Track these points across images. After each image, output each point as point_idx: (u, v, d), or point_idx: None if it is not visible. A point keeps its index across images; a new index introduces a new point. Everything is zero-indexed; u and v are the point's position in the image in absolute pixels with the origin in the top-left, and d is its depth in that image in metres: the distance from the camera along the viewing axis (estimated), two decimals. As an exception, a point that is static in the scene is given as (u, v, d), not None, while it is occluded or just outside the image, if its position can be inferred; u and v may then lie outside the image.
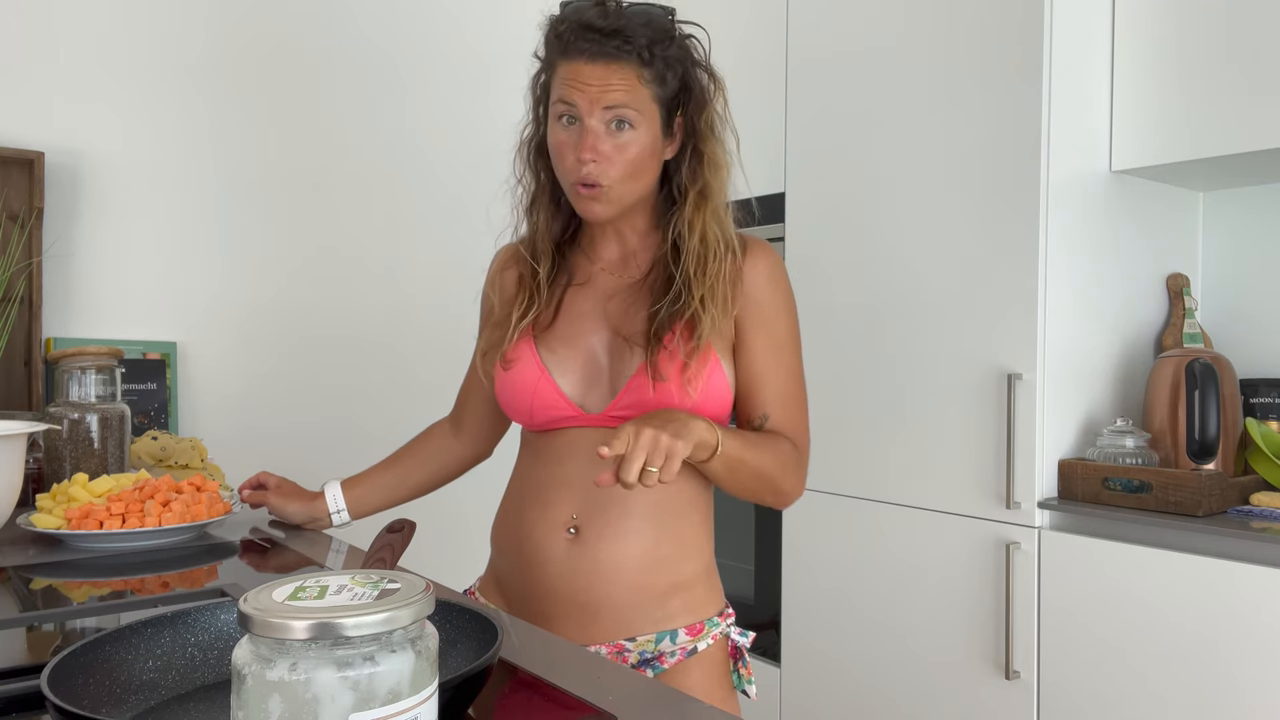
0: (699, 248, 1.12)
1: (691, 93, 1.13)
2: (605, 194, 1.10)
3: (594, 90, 1.07)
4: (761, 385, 1.15)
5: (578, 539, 1.12)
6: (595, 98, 1.07)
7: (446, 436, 1.39)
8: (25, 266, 1.97)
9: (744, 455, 1.06)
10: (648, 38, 1.07)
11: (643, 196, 1.14)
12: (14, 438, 1.13)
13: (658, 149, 1.12)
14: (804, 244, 2.23)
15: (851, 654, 2.10)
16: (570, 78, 1.08)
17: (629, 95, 1.07)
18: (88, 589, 1.03)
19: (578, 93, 1.07)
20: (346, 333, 2.55)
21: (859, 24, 2.11)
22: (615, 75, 1.07)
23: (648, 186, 1.14)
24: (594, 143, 1.07)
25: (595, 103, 1.07)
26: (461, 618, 0.76)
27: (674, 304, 1.11)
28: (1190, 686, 1.59)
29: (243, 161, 2.37)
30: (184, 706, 0.68)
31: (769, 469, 1.10)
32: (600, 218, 1.12)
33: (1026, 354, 1.81)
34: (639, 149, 1.09)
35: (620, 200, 1.11)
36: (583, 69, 1.07)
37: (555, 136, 1.11)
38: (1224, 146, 1.76)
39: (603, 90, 1.06)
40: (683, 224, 1.13)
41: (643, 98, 1.08)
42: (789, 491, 1.14)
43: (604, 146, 1.08)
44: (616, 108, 1.07)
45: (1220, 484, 1.66)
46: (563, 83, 1.09)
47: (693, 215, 1.13)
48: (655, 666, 1.13)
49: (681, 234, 1.13)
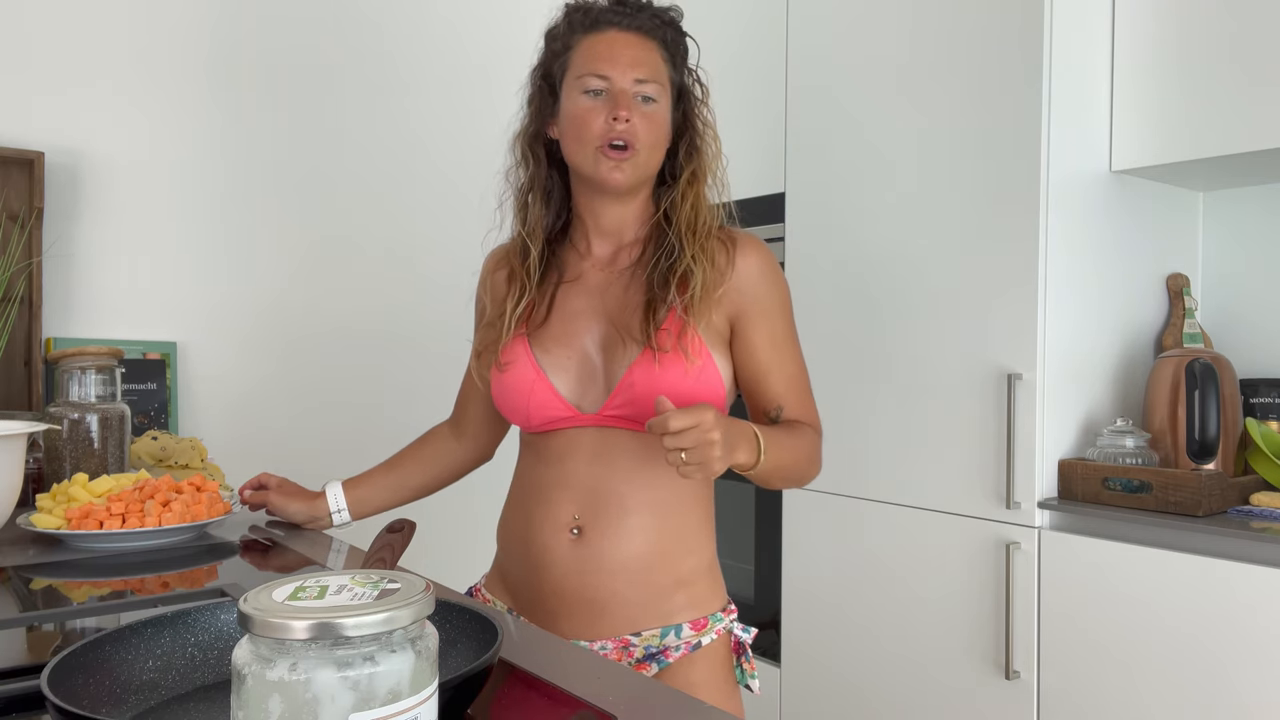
0: (690, 213, 1.17)
1: (688, 89, 1.20)
2: (633, 159, 1.13)
3: (627, 58, 1.12)
4: (770, 378, 1.17)
5: (581, 538, 1.13)
6: (629, 65, 1.12)
7: (447, 439, 1.40)
8: (25, 266, 1.97)
9: (780, 458, 1.09)
10: (673, 28, 1.17)
11: (652, 175, 1.18)
12: (14, 438, 1.13)
13: (669, 128, 1.18)
14: (804, 244, 2.23)
15: (851, 654, 2.10)
16: (601, 48, 1.13)
17: (655, 71, 1.14)
18: (88, 589, 1.03)
19: (609, 62, 1.12)
20: (347, 333, 2.55)
21: (859, 24, 2.11)
22: (644, 49, 1.14)
23: (659, 161, 1.18)
24: (628, 103, 1.12)
25: (629, 70, 1.12)
26: (461, 618, 0.76)
27: (668, 258, 1.14)
28: (1190, 686, 1.59)
29: (243, 161, 2.37)
30: (184, 706, 0.68)
31: (802, 464, 1.14)
32: (621, 185, 1.14)
33: (1026, 354, 1.81)
34: (663, 121, 1.15)
35: (643, 168, 1.15)
36: (616, 38, 1.13)
37: (578, 106, 1.13)
38: (1224, 146, 1.76)
39: (634, 63, 1.12)
40: (676, 195, 1.18)
41: (664, 76, 1.15)
42: (814, 474, 1.19)
43: (635, 111, 1.12)
44: (646, 81, 1.13)
45: (1220, 484, 1.66)
46: (590, 54, 1.13)
47: (685, 189, 1.18)
48: (660, 661, 1.14)
49: (674, 203, 1.18)
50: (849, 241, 2.13)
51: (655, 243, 1.18)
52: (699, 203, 1.18)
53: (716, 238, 1.17)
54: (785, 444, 1.11)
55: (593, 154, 1.13)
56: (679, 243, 1.15)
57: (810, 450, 1.16)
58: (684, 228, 1.15)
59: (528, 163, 1.22)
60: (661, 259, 1.15)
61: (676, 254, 1.14)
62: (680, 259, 1.13)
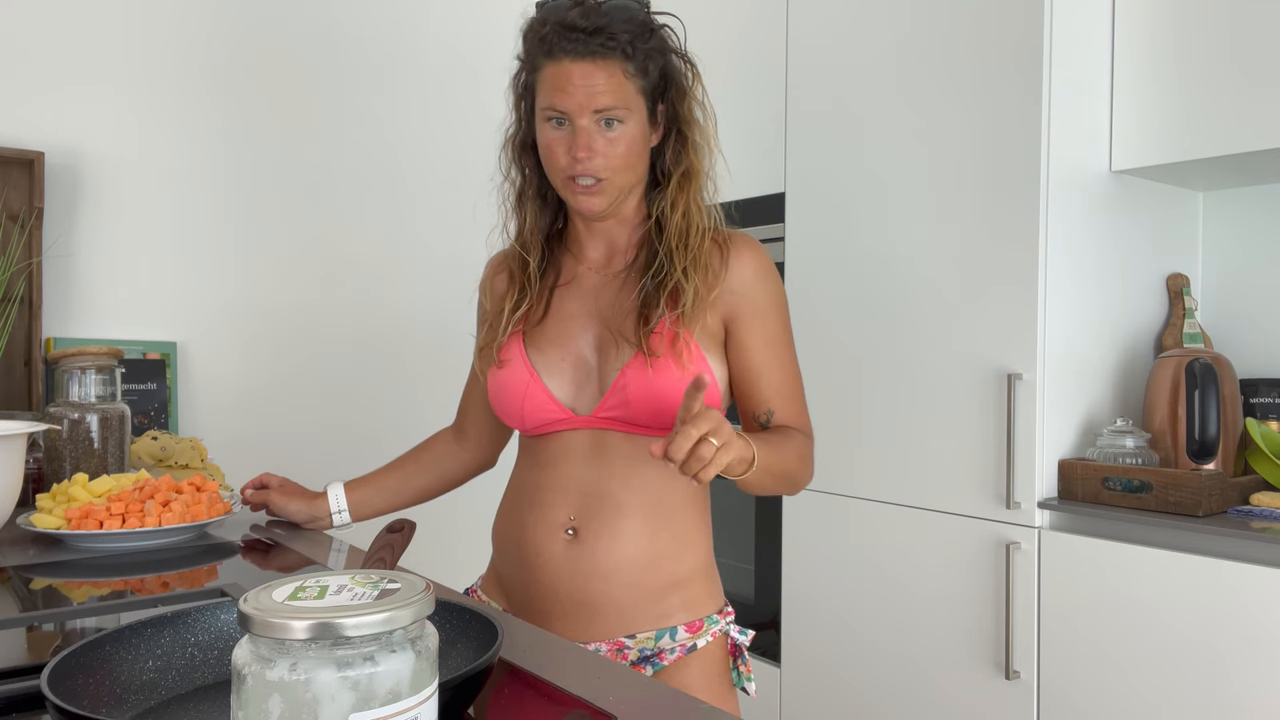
0: (681, 223, 1.14)
1: (672, 80, 1.15)
2: (602, 188, 1.11)
3: (582, 93, 1.07)
4: (761, 380, 1.16)
5: (576, 540, 1.13)
6: (584, 101, 1.08)
7: (450, 444, 1.40)
8: (25, 266, 1.97)
9: (772, 463, 1.07)
10: (629, 33, 1.09)
11: (634, 187, 1.16)
12: (14, 438, 1.13)
13: (646, 139, 1.14)
14: (804, 244, 2.23)
15: (851, 654, 2.10)
16: (558, 80, 1.08)
17: (616, 95, 1.08)
18: (88, 589, 1.03)
19: (566, 96, 1.08)
20: (347, 333, 2.55)
21: (859, 24, 2.11)
22: (601, 74, 1.08)
23: (640, 176, 1.15)
24: (587, 141, 1.09)
25: (585, 106, 1.08)
26: (461, 618, 0.76)
27: (658, 275, 1.13)
28: (1190, 686, 1.59)
29: (243, 162, 2.37)
30: (184, 706, 0.68)
31: (793, 468, 1.12)
32: (596, 211, 1.13)
33: (1026, 354, 1.81)
34: (629, 142, 1.11)
35: (618, 190, 1.13)
36: (569, 69, 1.08)
37: (545, 136, 1.12)
38: (1224, 146, 1.76)
39: (590, 94, 1.07)
40: (666, 203, 1.15)
41: (628, 92, 1.10)
42: (806, 481, 1.17)
43: (596, 144, 1.09)
44: (607, 110, 1.08)
45: (1220, 484, 1.66)
46: (550, 86, 1.09)
47: (676, 195, 1.15)
48: (655, 664, 1.14)
49: (665, 212, 1.15)
50: (849, 241, 2.13)
51: (649, 247, 1.17)
52: (691, 208, 1.15)
53: (711, 240, 1.16)
54: (777, 446, 1.09)
55: (562, 183, 1.13)
56: (668, 258, 1.13)
57: (802, 455, 1.14)
58: (674, 242, 1.13)
59: (517, 172, 1.21)
60: (652, 273, 1.13)
61: (666, 270, 1.12)
62: (670, 275, 1.12)
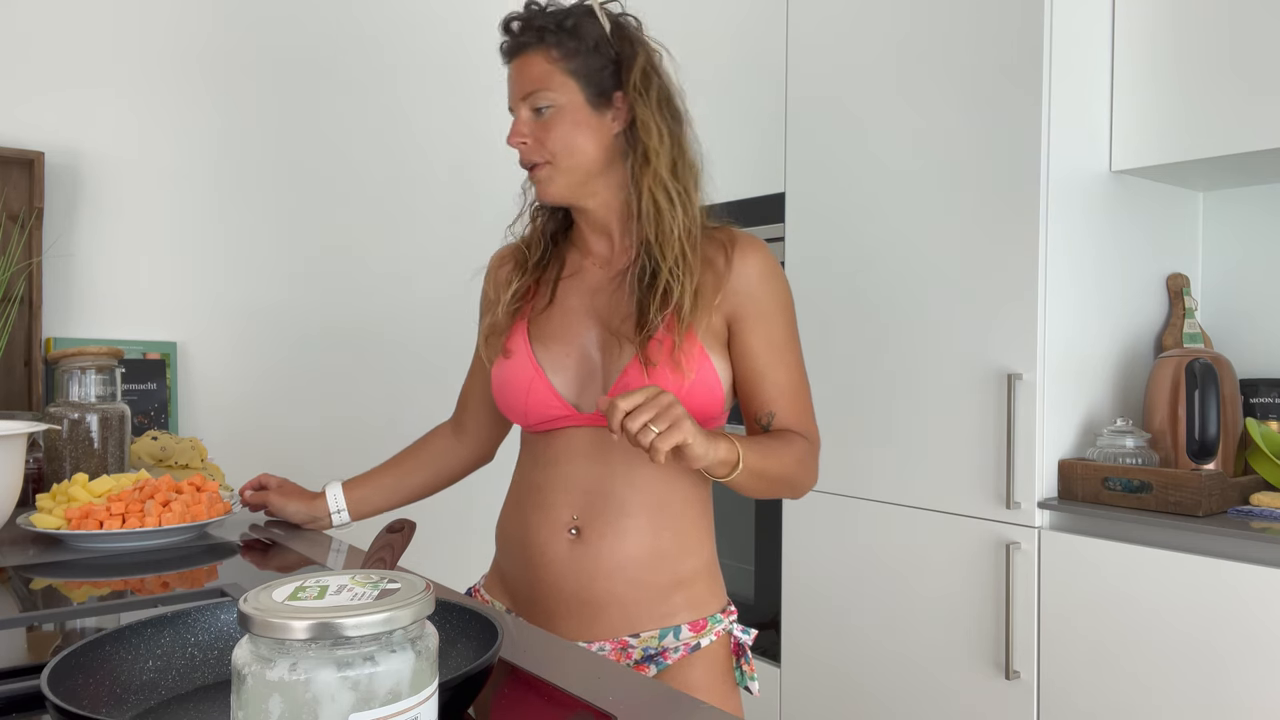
0: (650, 208, 1.13)
1: (622, 66, 1.14)
2: (550, 173, 1.14)
3: (514, 86, 1.15)
4: (764, 382, 1.15)
5: (579, 539, 1.13)
6: (515, 91, 1.15)
7: (448, 439, 1.40)
8: (25, 266, 1.97)
9: (764, 465, 1.07)
10: (555, 21, 1.13)
11: (591, 171, 1.14)
12: (14, 438, 1.13)
13: (587, 119, 1.13)
14: (804, 244, 2.23)
15: (851, 654, 2.10)
16: (507, 83, 1.17)
17: (541, 78, 1.13)
18: (88, 589, 1.03)
19: (508, 96, 1.17)
20: (347, 333, 2.55)
21: (859, 24, 2.11)
22: (528, 65, 1.14)
23: (591, 159, 1.14)
24: (518, 128, 1.15)
25: (516, 96, 1.15)
26: (461, 618, 0.76)
27: (648, 277, 1.13)
28: (1190, 686, 1.59)
29: (243, 161, 2.37)
30: (184, 706, 0.68)
31: (788, 472, 1.11)
32: (553, 197, 1.16)
33: (1026, 354, 1.81)
34: (561, 122, 1.13)
35: (571, 172, 1.14)
36: (510, 71, 1.16)
37: None
38: (1224, 146, 1.76)
39: (519, 85, 1.15)
40: (633, 189, 1.16)
41: (555, 75, 1.13)
42: (807, 486, 1.16)
43: (526, 129, 1.15)
44: (533, 94, 1.13)
45: (1220, 484, 1.66)
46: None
47: (639, 178, 1.14)
48: (659, 663, 1.14)
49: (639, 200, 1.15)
50: (849, 241, 2.13)
51: (646, 251, 1.16)
52: (657, 192, 1.12)
53: (715, 238, 1.16)
54: (769, 447, 1.08)
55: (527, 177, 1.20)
56: (648, 255, 1.13)
57: (800, 458, 1.12)
58: (651, 232, 1.12)
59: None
60: (645, 274, 1.13)
61: (653, 269, 1.12)
62: (659, 274, 1.11)
